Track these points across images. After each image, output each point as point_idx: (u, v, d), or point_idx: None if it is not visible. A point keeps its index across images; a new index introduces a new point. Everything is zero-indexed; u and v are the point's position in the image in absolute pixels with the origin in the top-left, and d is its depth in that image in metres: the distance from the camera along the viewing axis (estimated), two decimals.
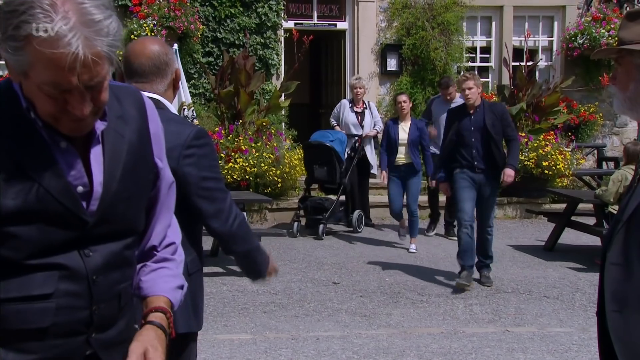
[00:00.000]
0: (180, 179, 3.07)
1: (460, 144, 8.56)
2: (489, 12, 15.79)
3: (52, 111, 1.90)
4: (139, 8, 13.00)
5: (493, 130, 8.40)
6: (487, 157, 8.46)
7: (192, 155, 3.12)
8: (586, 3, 15.79)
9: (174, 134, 3.08)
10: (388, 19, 15.13)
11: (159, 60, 3.24)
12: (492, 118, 8.45)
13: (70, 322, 2.03)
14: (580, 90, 15.32)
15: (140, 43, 3.32)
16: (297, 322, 7.37)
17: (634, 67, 2.57)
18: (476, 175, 8.49)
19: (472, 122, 8.51)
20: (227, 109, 12.85)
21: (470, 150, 8.49)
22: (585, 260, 10.08)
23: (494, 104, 8.97)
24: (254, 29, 14.12)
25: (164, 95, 3.27)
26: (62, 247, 2.00)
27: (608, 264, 2.55)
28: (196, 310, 3.29)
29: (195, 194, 3.14)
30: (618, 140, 16.00)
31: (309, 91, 17.53)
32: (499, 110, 8.64)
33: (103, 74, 1.91)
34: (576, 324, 7.46)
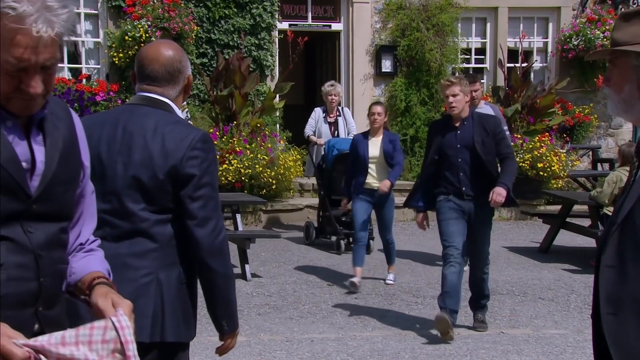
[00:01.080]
0: (181, 179, 3.10)
1: (444, 165, 7.11)
2: (483, 14, 15.78)
3: (7, 90, 2.06)
4: (133, 9, 12.96)
5: (483, 150, 6.98)
6: (478, 181, 7.02)
7: (196, 157, 3.12)
8: (581, 4, 15.79)
9: (181, 136, 3.13)
10: (383, 20, 15.11)
11: (172, 67, 3.25)
12: (482, 134, 7.02)
13: (19, 294, 2.13)
14: (575, 91, 15.31)
15: (155, 48, 3.33)
16: (292, 324, 7.34)
17: (629, 69, 2.55)
18: (465, 204, 7.03)
19: (457, 138, 7.05)
20: (221, 111, 12.82)
21: (457, 173, 7.05)
22: (580, 262, 10.07)
23: (485, 117, 7.45)
24: (248, 30, 14.08)
25: (174, 101, 3.29)
26: (7, 221, 2.11)
27: (603, 266, 2.53)
28: (188, 320, 3.24)
29: (190, 196, 3.11)
30: (613, 142, 16.00)
31: (303, 92, 17.51)
32: (490, 124, 7.17)
33: (57, 57, 2.10)
34: (571, 325, 7.45)
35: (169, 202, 3.13)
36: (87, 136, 3.20)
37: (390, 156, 8.76)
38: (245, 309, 7.70)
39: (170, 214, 3.15)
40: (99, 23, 13.83)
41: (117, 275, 3.09)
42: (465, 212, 7.06)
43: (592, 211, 10.07)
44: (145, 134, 3.15)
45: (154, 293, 3.12)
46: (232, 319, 3.28)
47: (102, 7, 13.72)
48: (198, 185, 3.11)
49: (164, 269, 3.15)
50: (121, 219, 3.16)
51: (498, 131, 7.15)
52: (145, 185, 3.12)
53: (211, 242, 3.14)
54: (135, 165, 3.13)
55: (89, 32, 13.91)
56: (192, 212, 3.12)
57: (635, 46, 2.52)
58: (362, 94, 15.00)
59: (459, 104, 7.02)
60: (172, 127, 3.16)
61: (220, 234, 3.18)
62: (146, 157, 3.12)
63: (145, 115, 3.20)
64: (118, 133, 3.20)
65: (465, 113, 7.09)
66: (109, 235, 3.13)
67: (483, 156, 6.96)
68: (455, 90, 7.01)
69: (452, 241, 6.98)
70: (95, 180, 3.14)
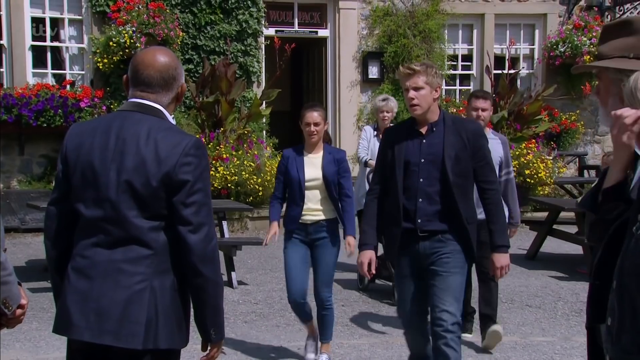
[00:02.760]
0: (175, 185, 3.11)
1: (398, 186, 5.03)
2: (470, 20, 15.78)
3: None
4: (118, 14, 12.88)
5: (454, 168, 4.90)
6: (443, 213, 4.94)
7: (189, 164, 3.13)
8: (567, 11, 15.82)
9: (174, 142, 3.14)
10: (369, 27, 15.09)
11: (167, 74, 3.27)
12: (455, 145, 4.94)
13: None
14: (562, 98, 15.34)
15: (152, 54, 3.33)
16: (278, 332, 7.28)
17: (610, 83, 2.55)
18: (419, 245, 4.97)
19: (422, 149, 4.99)
20: (207, 117, 12.77)
21: (414, 199, 4.96)
22: (567, 269, 10.05)
23: (462, 120, 5.41)
24: (234, 36, 14.03)
25: (166, 108, 3.30)
26: None
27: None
28: (181, 327, 3.24)
29: (183, 202, 3.11)
30: (599, 149, 16.02)
31: (289, 99, 17.46)
32: (469, 131, 5.02)
33: None
34: (558, 332, 7.41)
35: (162, 208, 3.14)
36: (78, 144, 3.23)
37: (335, 183, 6.28)
38: (231, 317, 7.62)
39: (164, 220, 3.15)
40: (83, 29, 13.74)
41: (111, 282, 3.11)
42: (419, 259, 5.01)
43: (579, 218, 10.05)
44: (138, 140, 3.15)
45: (148, 300, 3.11)
46: (220, 328, 3.27)
47: (87, 12, 13.63)
48: (191, 191, 3.12)
49: (158, 275, 3.14)
50: (115, 225, 3.15)
51: (480, 144, 5.03)
52: (139, 192, 3.12)
53: (203, 248, 3.14)
54: (128, 171, 3.13)
55: (73, 37, 13.82)
56: (185, 218, 3.12)
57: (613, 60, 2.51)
58: (349, 100, 14.97)
59: (422, 101, 4.94)
60: (165, 134, 3.17)
61: (212, 240, 3.18)
62: (139, 163, 3.12)
63: (138, 122, 3.20)
64: (111, 140, 3.19)
65: (433, 115, 5.03)
66: (103, 242, 3.15)
67: (451, 177, 4.89)
68: (419, 81, 4.95)
69: (403, 307, 5.18)
70: (88, 187, 3.15)
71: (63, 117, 12.73)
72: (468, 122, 5.29)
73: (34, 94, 12.68)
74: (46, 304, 8.03)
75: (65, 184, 3.26)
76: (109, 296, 3.10)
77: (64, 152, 3.29)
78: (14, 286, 3.22)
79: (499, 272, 5.16)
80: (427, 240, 4.95)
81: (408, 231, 4.96)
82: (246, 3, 14.08)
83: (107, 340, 3.09)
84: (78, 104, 12.84)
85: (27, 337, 6.99)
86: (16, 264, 9.33)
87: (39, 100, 12.62)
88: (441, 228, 4.93)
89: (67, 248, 3.28)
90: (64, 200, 3.28)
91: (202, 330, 3.27)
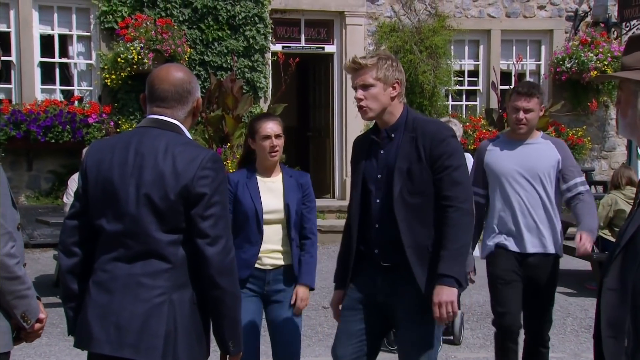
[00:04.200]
0: (193, 199, 3.15)
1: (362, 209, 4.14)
2: (476, 36, 15.82)
3: None
4: (126, 31, 12.94)
5: (408, 184, 3.93)
6: (401, 240, 3.92)
7: (206, 177, 3.17)
8: (574, 27, 15.85)
9: (191, 157, 3.18)
10: (376, 42, 15.13)
11: (182, 88, 3.32)
12: (409, 156, 3.95)
13: None
14: (569, 114, 15.35)
15: (165, 69, 3.39)
16: None
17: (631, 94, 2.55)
18: (378, 279, 4.07)
19: (379, 162, 4.08)
20: (214, 133, 12.80)
21: (371, 223, 4.07)
22: (575, 284, 10.03)
23: (423, 122, 4.07)
24: (241, 52, 14.08)
25: (182, 122, 3.35)
26: None
27: (605, 289, 2.52)
28: (200, 340, 3.26)
29: (201, 215, 3.14)
30: (606, 164, 16.02)
31: (296, 114, 17.50)
32: (428, 133, 3.95)
33: None
34: (568, 349, 7.40)
35: (180, 222, 3.17)
36: (97, 160, 3.29)
37: (297, 214, 4.84)
38: None
39: (182, 234, 3.18)
40: (92, 45, 13.81)
41: (130, 295, 3.14)
42: (377, 298, 4.09)
43: None
44: (156, 155, 3.19)
45: (167, 313, 3.13)
46: (238, 340, 3.29)
47: (95, 29, 13.70)
48: (209, 204, 3.15)
49: (177, 289, 3.17)
50: (134, 239, 3.18)
51: (440, 152, 3.90)
52: (157, 206, 3.15)
53: (221, 261, 3.16)
54: (146, 186, 3.17)
55: (81, 54, 13.88)
56: (203, 231, 3.15)
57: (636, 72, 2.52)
58: (355, 116, 14.95)
59: (372, 102, 4.00)
60: (182, 148, 3.21)
61: (230, 252, 3.21)
62: (157, 177, 3.16)
63: (156, 138, 3.24)
64: (130, 156, 3.23)
65: (392, 118, 4.06)
66: (123, 256, 3.19)
67: (403, 193, 3.92)
68: (367, 78, 3.99)
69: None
70: (108, 202, 3.21)
71: (71, 133, 12.78)
72: (429, 124, 4.05)
73: (43, 110, 12.73)
74: (56, 319, 8.03)
75: (85, 199, 3.31)
76: (129, 310, 3.13)
77: (84, 168, 3.33)
78: (33, 300, 3.28)
79: (438, 311, 3.81)
80: (384, 274, 4.03)
81: (371, 263, 4.08)
82: (253, 19, 14.14)
83: (127, 353, 3.11)
84: (86, 120, 12.89)
85: (37, 352, 7.00)
86: None
87: (47, 116, 12.67)
88: (397, 261, 3.96)
89: (81, 260, 3.33)
90: (83, 214, 3.32)
91: (220, 342, 3.29)
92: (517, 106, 5.34)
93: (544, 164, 5.33)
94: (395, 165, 3.94)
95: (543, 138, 5.47)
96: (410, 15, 15.23)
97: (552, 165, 5.33)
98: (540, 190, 5.34)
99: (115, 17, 13.43)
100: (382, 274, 4.02)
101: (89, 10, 13.73)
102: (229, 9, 13.98)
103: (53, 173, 13.33)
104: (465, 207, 3.88)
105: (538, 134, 5.49)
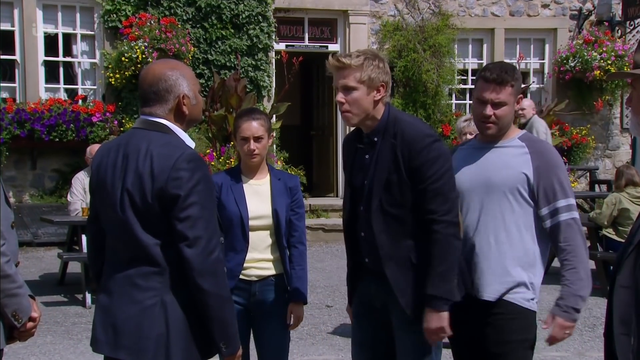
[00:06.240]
0: (168, 201, 3.08)
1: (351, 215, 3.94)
2: (480, 35, 15.81)
3: None
4: (130, 30, 12.95)
5: (386, 195, 3.69)
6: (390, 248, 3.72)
7: (180, 178, 3.08)
8: (577, 26, 15.84)
9: (166, 157, 3.10)
10: (379, 41, 15.12)
11: (157, 87, 3.25)
12: (388, 162, 3.69)
13: None
14: (573, 113, 15.34)
15: (146, 69, 3.34)
16: (291, 346, 7.21)
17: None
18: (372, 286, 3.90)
19: (363, 167, 3.83)
20: (218, 131, 12.80)
21: (359, 231, 3.86)
22: None
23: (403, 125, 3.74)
24: (245, 51, 14.08)
25: (170, 120, 3.27)
26: None
27: (617, 286, 2.51)
28: (196, 341, 3.22)
29: (177, 217, 3.08)
30: (610, 163, 16.01)
31: (299, 113, 17.50)
32: (407, 138, 3.67)
33: None
34: (572, 348, 7.38)
35: (163, 224, 3.12)
36: (98, 164, 3.28)
37: (286, 220, 4.50)
38: None
39: (167, 236, 3.12)
40: (95, 44, 13.81)
41: (126, 297, 3.15)
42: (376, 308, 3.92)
43: (591, 233, 10.02)
44: (137, 156, 3.15)
45: (158, 315, 3.11)
46: (230, 341, 3.20)
47: (99, 28, 13.71)
48: (183, 206, 3.07)
49: (169, 291, 3.13)
50: (125, 243, 3.18)
51: (420, 161, 3.61)
52: (139, 209, 3.12)
53: (201, 262, 3.08)
54: (129, 188, 3.14)
55: (85, 52, 13.89)
56: (180, 233, 3.08)
57: None
58: None
59: (354, 107, 3.71)
60: (160, 149, 3.14)
61: (212, 253, 3.11)
62: (137, 180, 3.12)
63: (141, 138, 3.21)
64: (119, 158, 3.21)
65: (373, 122, 3.78)
66: (120, 259, 3.21)
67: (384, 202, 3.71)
68: (350, 80, 3.71)
69: None
70: (105, 205, 3.23)
71: (75, 132, 12.79)
72: (408, 128, 3.71)
73: (47, 109, 12.74)
74: (59, 317, 8.06)
75: (93, 203, 3.37)
76: (124, 311, 3.15)
77: (92, 172, 3.37)
78: (24, 299, 3.27)
79: (430, 337, 3.66)
80: (378, 282, 3.81)
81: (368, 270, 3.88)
82: (257, 18, 14.15)
83: (122, 354, 3.13)
84: (90, 119, 12.90)
85: (41, 350, 7.00)
86: (29, 278, 9.38)
87: (51, 115, 12.68)
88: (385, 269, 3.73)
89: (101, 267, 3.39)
90: (95, 220, 3.38)
91: (214, 343, 3.24)
92: (483, 98, 3.86)
93: (505, 176, 3.83)
94: (374, 175, 3.71)
95: (520, 139, 3.92)
96: (413, 14, 15.23)
97: (518, 178, 3.82)
98: (497, 212, 3.85)
99: (119, 16, 13.43)
100: (376, 281, 3.82)
101: (92, 9, 13.73)
102: (232, 8, 13.98)
103: (57, 172, 13.34)
104: (447, 220, 3.60)
105: (514, 134, 3.96)
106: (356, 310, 4.02)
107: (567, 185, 3.79)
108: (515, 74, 3.85)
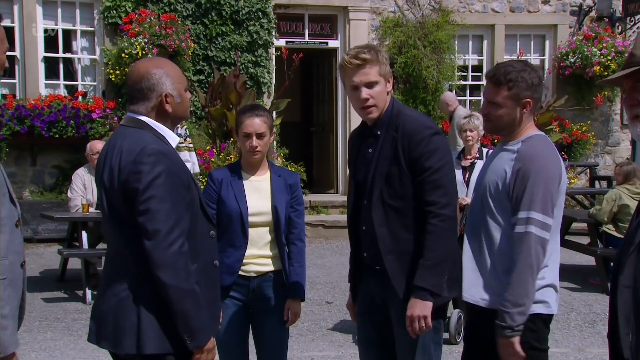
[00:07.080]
0: (130, 194, 3.15)
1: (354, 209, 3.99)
2: (480, 31, 15.80)
3: None
4: (130, 26, 12.94)
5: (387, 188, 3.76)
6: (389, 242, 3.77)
7: (139, 172, 3.13)
8: (578, 22, 15.83)
9: (130, 151, 3.18)
10: (380, 38, 15.11)
11: (139, 85, 3.30)
12: (389, 155, 3.77)
13: None
14: (573, 109, 15.33)
15: (131, 68, 3.43)
16: (291, 342, 7.20)
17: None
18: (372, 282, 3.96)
19: (367, 161, 3.91)
20: (217, 128, 12.80)
21: (360, 225, 3.93)
22: (579, 279, 10.02)
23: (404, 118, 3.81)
24: (245, 47, 14.08)
25: (152, 118, 3.32)
26: None
27: (621, 287, 2.49)
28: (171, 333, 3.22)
29: (137, 210, 3.12)
30: (610, 159, 16.00)
31: (299, 110, 17.49)
32: (407, 130, 3.74)
33: None
34: (572, 344, 7.39)
35: (130, 218, 3.16)
36: (98, 160, 3.38)
37: (286, 217, 4.50)
38: None
39: (136, 229, 3.17)
40: (95, 40, 13.80)
41: (108, 290, 3.28)
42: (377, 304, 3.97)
43: (591, 229, 10.03)
44: (112, 153, 3.23)
45: (131, 307, 3.19)
46: (195, 334, 3.18)
47: (99, 24, 13.70)
48: (142, 199, 3.11)
49: (142, 284, 3.19)
50: (109, 237, 3.36)
51: (420, 152, 3.68)
52: (113, 203, 3.22)
53: (159, 255, 3.09)
54: (105, 183, 3.24)
55: (85, 49, 13.88)
56: (140, 225, 3.12)
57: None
58: None
59: (380, 101, 3.80)
60: (129, 145, 3.21)
61: (172, 246, 3.11)
62: (109, 175, 3.22)
63: (120, 135, 3.29)
64: (102, 155, 3.34)
65: (381, 114, 3.85)
66: (108, 252, 3.42)
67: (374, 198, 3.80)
68: (372, 74, 3.76)
69: None
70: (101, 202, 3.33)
71: (75, 128, 12.78)
72: (410, 121, 3.77)
73: (47, 105, 12.74)
74: (60, 313, 8.06)
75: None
76: (106, 302, 3.27)
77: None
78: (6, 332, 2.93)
79: (411, 325, 3.66)
80: (378, 279, 3.86)
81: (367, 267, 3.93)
82: (257, 14, 14.14)
83: (104, 345, 3.28)
84: (90, 115, 12.90)
85: (42, 346, 7.01)
86: (30, 275, 9.37)
87: (51, 112, 12.68)
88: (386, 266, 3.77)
89: None
90: None
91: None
92: (484, 96, 3.84)
93: (491, 177, 3.74)
94: (376, 168, 3.77)
95: (523, 141, 3.71)
96: (414, 10, 15.22)
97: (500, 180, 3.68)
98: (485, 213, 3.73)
99: (119, 12, 13.43)
100: (375, 277, 3.85)
101: (92, 6, 13.73)
102: (232, 4, 13.97)
103: (57, 168, 13.34)
104: (445, 213, 3.62)
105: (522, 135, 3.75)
106: (359, 308, 4.03)
107: (537, 197, 3.53)
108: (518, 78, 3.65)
